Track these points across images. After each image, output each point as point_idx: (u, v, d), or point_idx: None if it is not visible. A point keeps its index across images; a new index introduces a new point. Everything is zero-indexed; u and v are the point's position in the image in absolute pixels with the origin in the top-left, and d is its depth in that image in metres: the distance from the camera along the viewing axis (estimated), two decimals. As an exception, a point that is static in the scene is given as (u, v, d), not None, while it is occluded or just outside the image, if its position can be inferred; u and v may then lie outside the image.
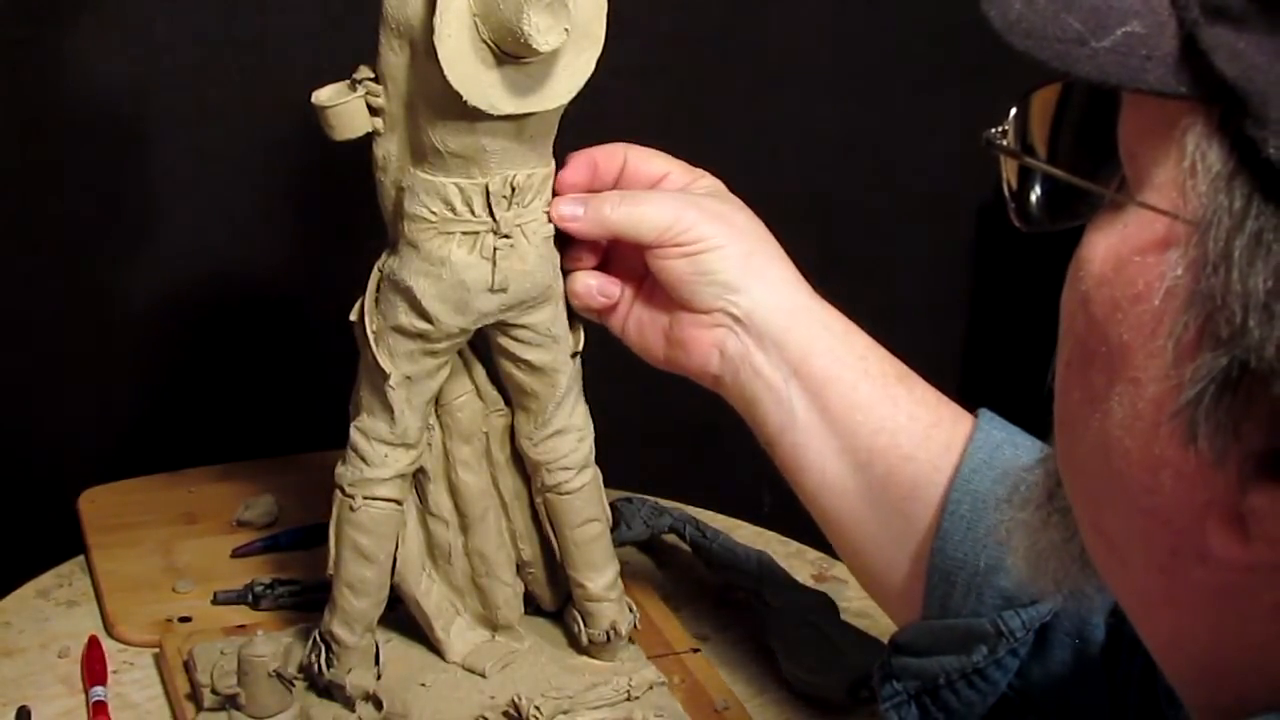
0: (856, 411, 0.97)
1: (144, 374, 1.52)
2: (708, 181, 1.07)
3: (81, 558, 1.27)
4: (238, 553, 1.27)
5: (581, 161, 1.03)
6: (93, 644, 1.15)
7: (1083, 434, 0.54)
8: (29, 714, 1.08)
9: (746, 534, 1.34)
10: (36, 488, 1.44)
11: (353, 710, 1.06)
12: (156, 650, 1.15)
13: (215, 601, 1.21)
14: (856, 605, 1.25)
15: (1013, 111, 0.58)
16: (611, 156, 1.05)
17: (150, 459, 1.41)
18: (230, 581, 1.22)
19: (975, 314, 1.83)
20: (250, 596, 1.20)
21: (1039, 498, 0.62)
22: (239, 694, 1.02)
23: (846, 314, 1.09)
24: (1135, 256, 0.51)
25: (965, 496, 0.92)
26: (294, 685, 1.05)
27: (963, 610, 0.92)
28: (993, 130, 0.58)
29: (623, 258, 1.06)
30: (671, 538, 1.32)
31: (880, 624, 1.21)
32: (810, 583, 1.27)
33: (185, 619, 1.18)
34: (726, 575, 1.25)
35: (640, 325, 1.05)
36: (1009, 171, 0.59)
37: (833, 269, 1.78)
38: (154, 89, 1.41)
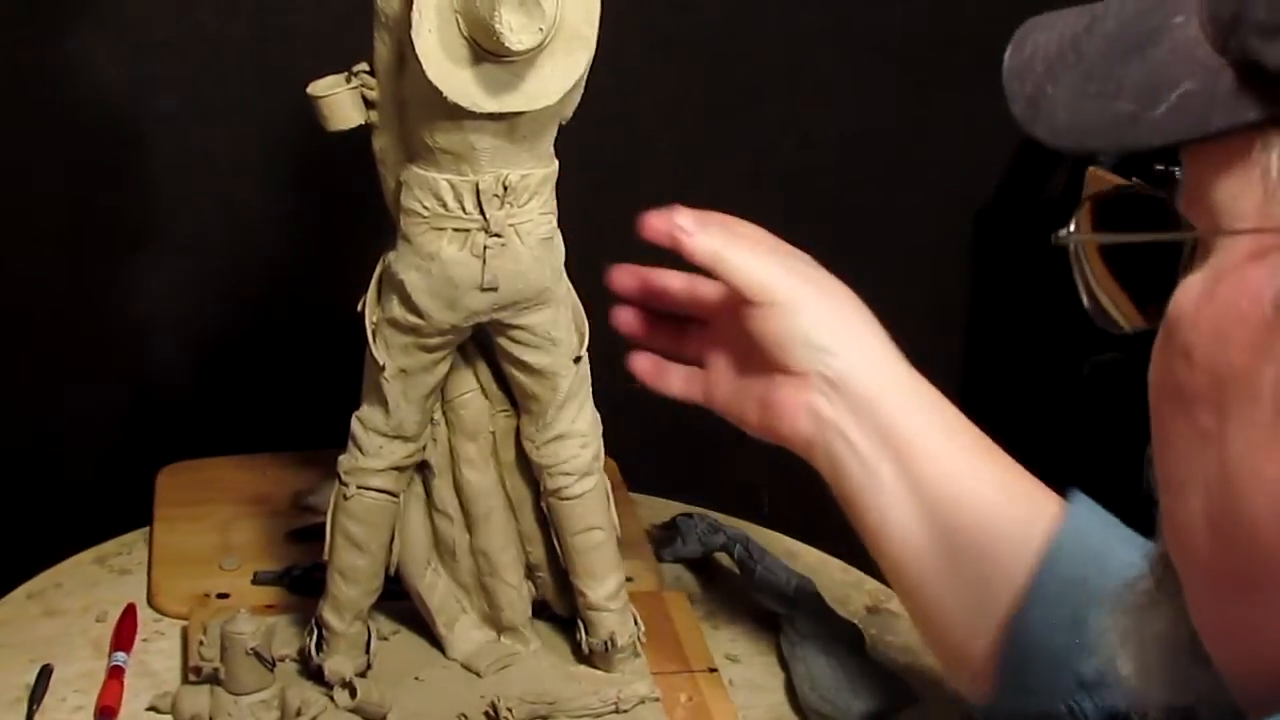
0: (942, 479, 0.97)
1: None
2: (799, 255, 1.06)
3: (147, 529, 1.30)
4: (291, 535, 1.28)
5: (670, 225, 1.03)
6: (128, 611, 1.18)
7: (1196, 483, 0.55)
8: (50, 672, 1.11)
9: (811, 560, 1.34)
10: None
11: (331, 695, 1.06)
12: (185, 623, 1.17)
13: (255, 581, 1.22)
14: (902, 640, 1.24)
15: (1076, 212, 0.61)
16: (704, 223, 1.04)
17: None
18: (280, 563, 1.24)
19: (975, 315, 1.83)
20: (288, 579, 1.22)
21: (1146, 588, 0.62)
22: (219, 669, 1.04)
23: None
24: (1233, 280, 0.53)
25: (1049, 579, 0.91)
26: (275, 665, 1.05)
27: (1038, 690, 0.91)
28: (1060, 232, 0.61)
29: (716, 323, 1.05)
30: (723, 557, 1.31)
31: (922, 661, 1.21)
32: (863, 613, 1.26)
33: (223, 595, 1.20)
34: (763, 599, 1.24)
35: (734, 392, 1.05)
36: (1089, 266, 0.61)
37: (833, 270, 1.78)
38: (154, 89, 1.41)
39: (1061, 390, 1.76)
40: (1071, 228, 0.61)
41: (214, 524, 1.30)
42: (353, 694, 1.05)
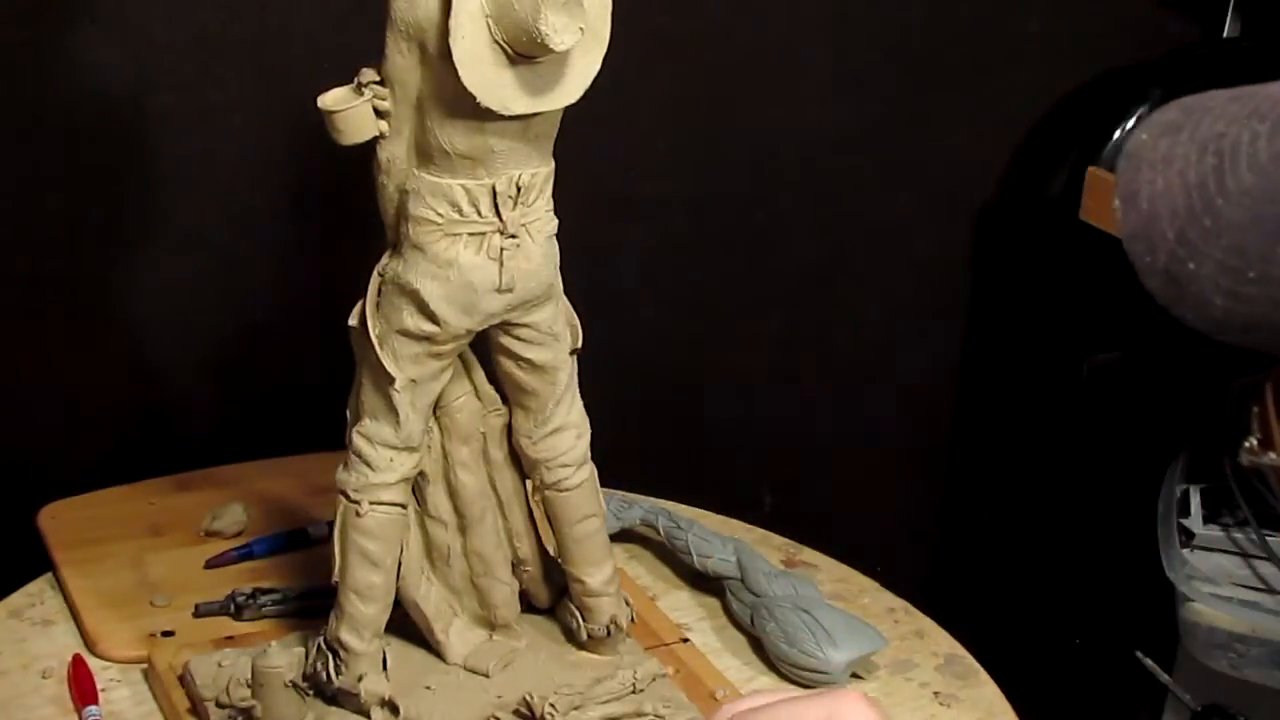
0: None
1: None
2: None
3: (49, 575, 1.26)
4: (212, 563, 1.26)
5: None
6: (78, 663, 1.14)
7: None
8: None
9: (712, 523, 1.35)
10: None
11: (367, 717, 1.05)
12: (144, 666, 1.14)
13: (197, 614, 1.20)
14: (830, 589, 1.29)
15: (1249, 424, 0.53)
16: None
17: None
18: (206, 593, 1.22)
19: (975, 315, 1.83)
20: (232, 607, 1.20)
21: None
22: (254, 706, 1.02)
23: (847, 314, 1.09)
24: None
25: None
26: (309, 695, 1.04)
27: None
28: (1244, 446, 0.53)
29: None
30: (643, 529, 1.33)
31: (854, 606, 1.26)
32: (780, 568, 1.28)
33: (168, 633, 1.17)
34: (706, 564, 1.26)
35: None
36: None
37: (834, 269, 1.78)
38: (154, 89, 1.41)
39: (1061, 390, 1.76)
40: (1253, 438, 0.52)
41: (123, 562, 1.26)
42: (395, 711, 1.04)
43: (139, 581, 1.24)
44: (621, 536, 1.33)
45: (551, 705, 1.04)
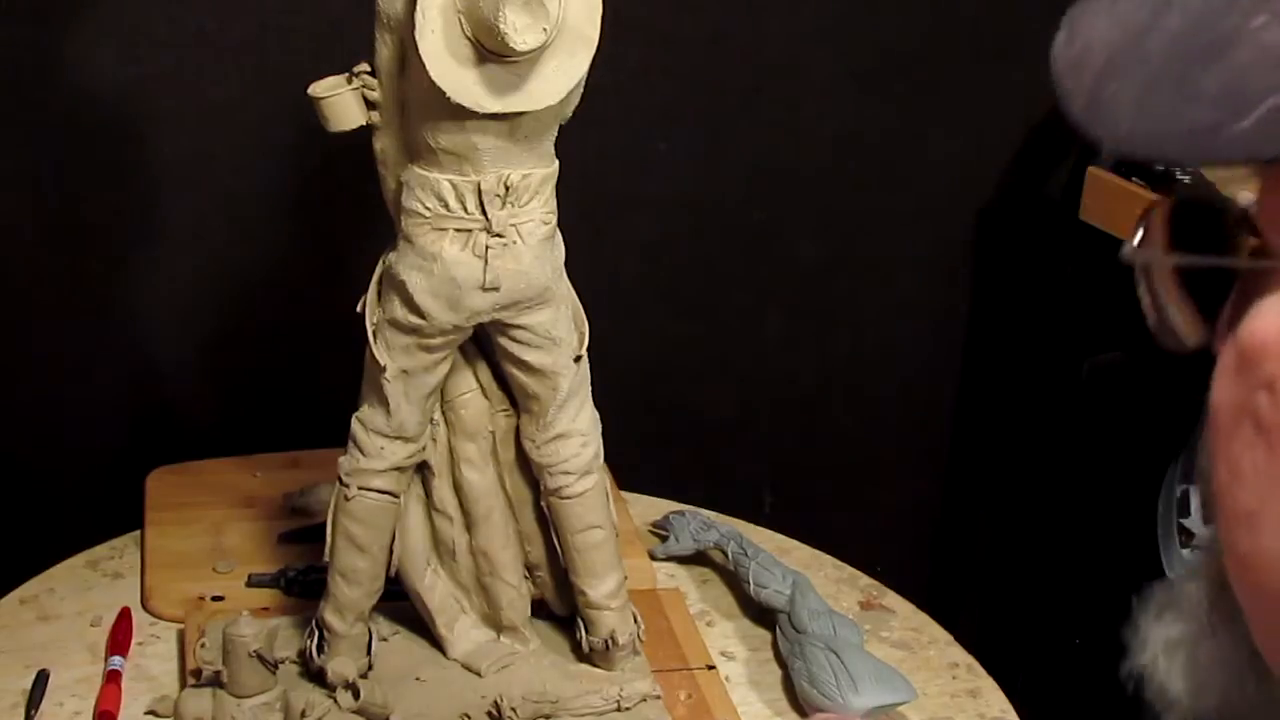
0: None
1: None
2: None
3: (138, 532, 1.30)
4: (284, 538, 1.28)
5: None
6: (123, 615, 1.18)
7: (1272, 517, 0.52)
8: (47, 677, 1.11)
9: (804, 556, 1.34)
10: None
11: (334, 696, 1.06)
12: (183, 626, 1.17)
13: (249, 583, 1.23)
14: (899, 635, 1.26)
15: (1140, 224, 0.56)
16: None
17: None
18: (273, 565, 1.24)
19: (975, 315, 1.83)
20: (282, 581, 1.22)
21: (1198, 608, 0.60)
22: (221, 672, 1.04)
23: (847, 314, 1.09)
24: None
25: None
26: (277, 667, 1.05)
27: None
28: (1127, 246, 0.57)
29: None
30: (714, 553, 1.32)
31: (916, 656, 1.24)
32: (857, 609, 1.27)
33: (218, 598, 1.20)
34: (758, 595, 1.25)
35: None
36: (1161, 284, 0.57)
37: (834, 269, 1.78)
38: (154, 89, 1.41)
39: (1061, 390, 1.75)
40: (1137, 241, 0.57)
41: (206, 527, 1.30)
42: (356, 695, 1.05)
43: (212, 547, 1.27)
44: (699, 559, 1.32)
45: (513, 710, 1.05)
